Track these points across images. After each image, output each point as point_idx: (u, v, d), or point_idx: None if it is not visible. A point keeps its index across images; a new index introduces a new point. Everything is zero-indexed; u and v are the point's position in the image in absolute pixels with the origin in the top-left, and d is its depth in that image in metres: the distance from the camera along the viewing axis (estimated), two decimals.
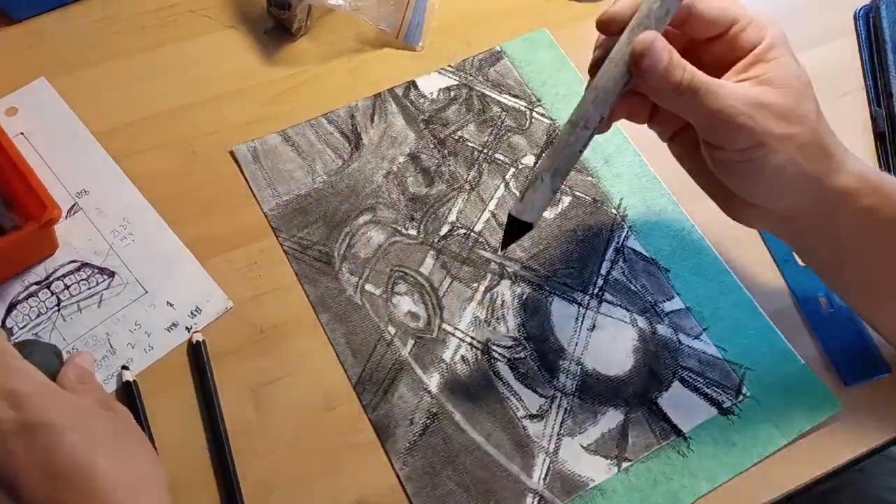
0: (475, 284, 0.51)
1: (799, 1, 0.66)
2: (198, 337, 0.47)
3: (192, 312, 0.48)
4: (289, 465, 0.45)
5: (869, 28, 0.65)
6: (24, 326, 0.46)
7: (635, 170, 0.55)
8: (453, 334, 0.49)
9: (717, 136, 0.40)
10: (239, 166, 0.53)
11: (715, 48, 0.42)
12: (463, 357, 0.48)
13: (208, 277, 0.49)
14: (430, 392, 0.47)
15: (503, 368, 0.48)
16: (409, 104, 0.56)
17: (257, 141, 0.54)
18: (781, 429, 0.48)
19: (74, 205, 0.50)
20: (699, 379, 0.49)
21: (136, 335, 0.47)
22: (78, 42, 0.56)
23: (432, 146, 0.55)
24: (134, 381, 0.45)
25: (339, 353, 0.48)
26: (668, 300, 0.51)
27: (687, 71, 0.39)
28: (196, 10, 0.59)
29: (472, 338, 0.49)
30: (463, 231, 0.52)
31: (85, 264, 0.48)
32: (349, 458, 0.45)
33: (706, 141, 0.41)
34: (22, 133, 0.52)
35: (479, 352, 0.49)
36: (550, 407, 0.47)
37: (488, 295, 0.50)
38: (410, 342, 0.48)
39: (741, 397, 0.48)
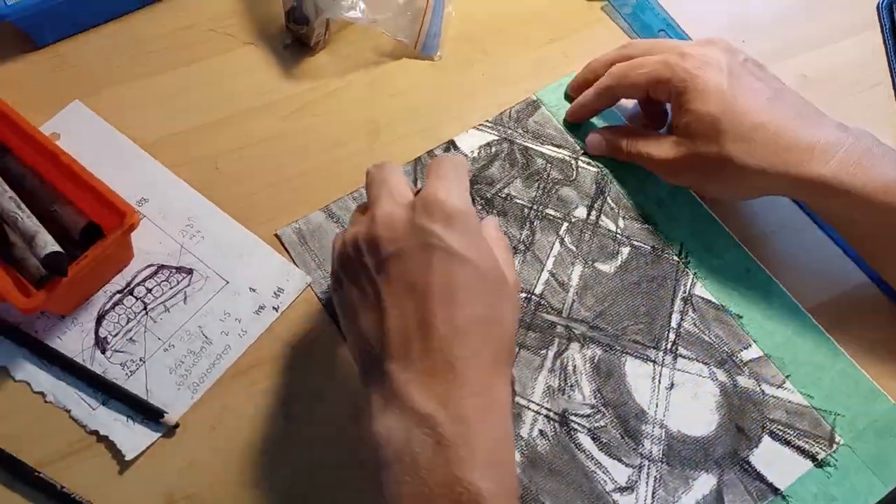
0: (543, 351, 0.49)
1: None
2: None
3: (274, 293, 0.49)
4: (319, 478, 0.44)
5: (892, 20, 0.64)
6: (117, 334, 0.47)
7: (691, 211, 0.54)
8: (528, 407, 0.47)
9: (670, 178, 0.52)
10: (286, 249, 0.51)
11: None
12: (541, 431, 0.46)
13: (282, 259, 0.51)
14: None
15: (584, 439, 0.46)
16: None
17: (301, 221, 0.52)
18: (881, 476, 0.46)
19: (137, 213, 0.50)
20: (789, 431, 0.47)
21: (227, 323, 0.48)
22: (101, 64, 0.57)
23: (480, 207, 0.53)
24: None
25: None
26: (745, 349, 0.49)
27: (628, 143, 0.53)
28: (216, 29, 0.59)
29: (548, 409, 0.47)
30: (524, 295, 0.50)
31: (162, 266, 0.50)
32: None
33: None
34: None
35: (556, 424, 0.47)
36: (639, 477, 0.45)
37: (558, 361, 0.48)
38: None
39: (835, 446, 0.46)
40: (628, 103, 0.57)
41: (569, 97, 0.57)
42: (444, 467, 0.33)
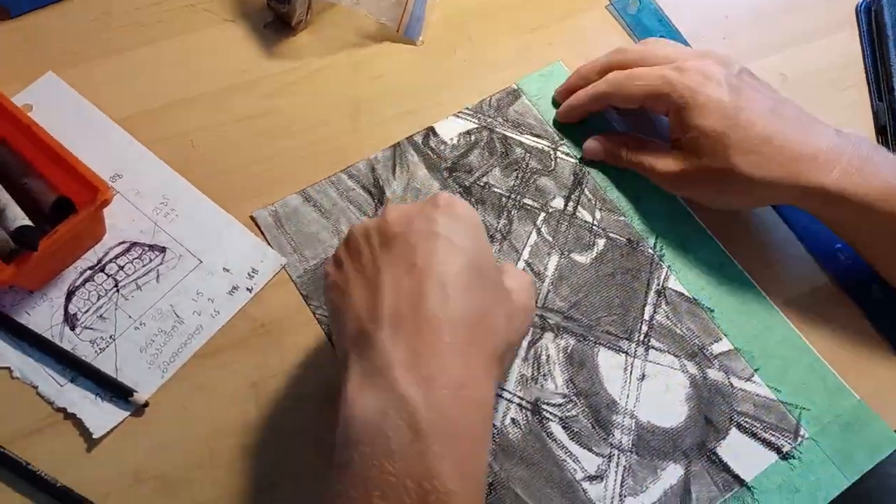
0: None
1: None
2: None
3: (249, 274, 0.49)
4: (291, 459, 0.44)
5: (870, 21, 0.65)
6: (87, 311, 0.47)
7: (667, 205, 0.54)
8: (501, 395, 0.47)
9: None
10: (262, 232, 0.50)
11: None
12: (513, 420, 0.46)
13: (257, 240, 0.50)
14: None
15: (556, 428, 0.46)
16: (429, 152, 0.54)
17: (277, 204, 0.51)
18: (843, 470, 0.46)
19: (111, 189, 0.49)
20: (756, 424, 0.48)
21: (200, 303, 0.48)
22: (77, 37, 0.55)
23: (458, 195, 0.53)
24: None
25: None
26: (715, 342, 0.50)
27: (629, 152, 0.53)
28: (195, 4, 0.58)
29: (521, 398, 0.47)
30: None
31: (134, 244, 0.49)
32: None
33: None
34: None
35: (529, 413, 0.47)
36: (609, 466, 0.46)
37: (532, 350, 0.49)
38: None
39: (800, 440, 0.47)
40: None
41: (556, 102, 0.57)
42: (415, 458, 0.33)
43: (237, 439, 0.44)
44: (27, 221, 0.42)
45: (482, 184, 0.54)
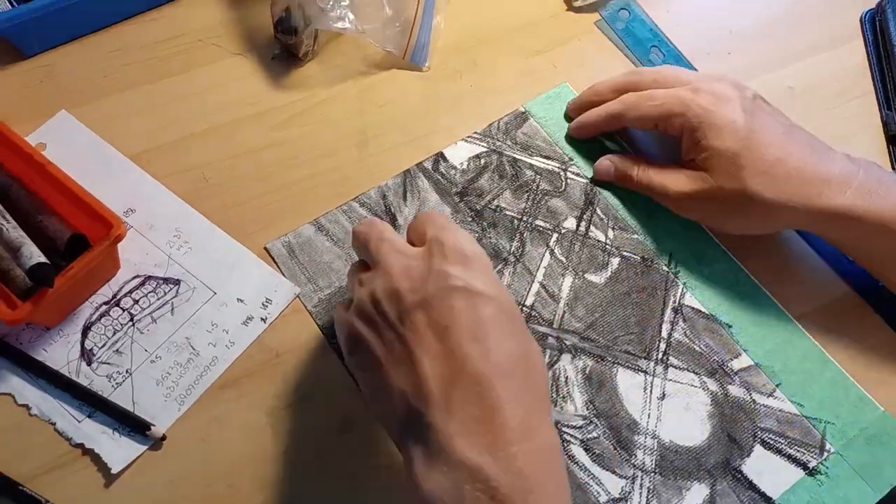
0: None
1: (805, 6, 0.66)
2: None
3: (262, 304, 0.49)
4: (309, 489, 0.44)
5: (875, 32, 0.65)
6: (103, 346, 0.47)
7: (681, 222, 0.54)
8: None
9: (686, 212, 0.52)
10: (276, 263, 0.50)
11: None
12: None
13: (270, 270, 0.50)
14: None
15: (577, 451, 0.46)
16: (440, 177, 0.55)
17: (290, 234, 0.51)
18: (872, 484, 0.46)
19: (125, 224, 0.50)
20: (780, 440, 0.47)
21: (215, 334, 0.48)
22: (88, 74, 0.56)
23: (470, 219, 0.53)
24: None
25: None
26: (735, 358, 0.49)
27: (640, 172, 0.53)
28: (204, 39, 0.59)
29: None
30: None
31: (149, 277, 0.49)
32: (369, 481, 0.44)
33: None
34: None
35: None
36: (633, 488, 0.45)
37: (550, 372, 0.48)
38: None
39: (826, 455, 0.46)
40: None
41: (567, 117, 0.58)
42: None
43: (255, 470, 0.44)
44: (43, 259, 0.43)
45: (493, 207, 0.54)
